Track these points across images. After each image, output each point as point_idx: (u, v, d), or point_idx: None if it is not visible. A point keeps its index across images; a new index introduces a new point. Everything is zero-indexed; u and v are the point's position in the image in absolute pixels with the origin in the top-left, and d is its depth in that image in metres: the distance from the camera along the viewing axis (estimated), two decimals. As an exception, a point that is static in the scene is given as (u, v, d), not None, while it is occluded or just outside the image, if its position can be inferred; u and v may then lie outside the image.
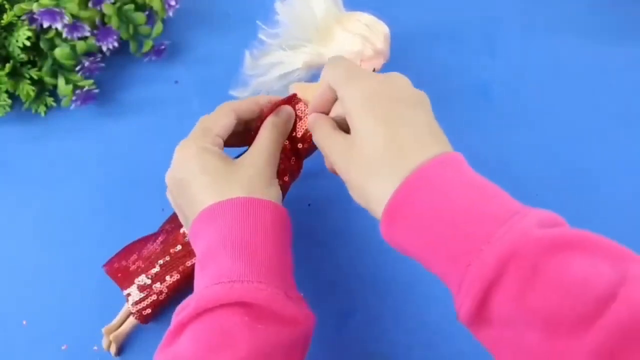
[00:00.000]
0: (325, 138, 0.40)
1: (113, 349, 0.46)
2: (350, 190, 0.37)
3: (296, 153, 0.46)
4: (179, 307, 0.36)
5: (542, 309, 0.28)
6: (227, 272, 0.35)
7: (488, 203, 0.31)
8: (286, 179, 0.45)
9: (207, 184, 0.39)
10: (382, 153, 0.34)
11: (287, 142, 0.45)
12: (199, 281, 0.37)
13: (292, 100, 0.46)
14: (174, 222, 0.48)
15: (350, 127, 0.37)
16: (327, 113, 0.42)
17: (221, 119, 0.43)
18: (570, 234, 0.30)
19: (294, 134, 0.46)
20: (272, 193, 0.40)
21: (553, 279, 0.28)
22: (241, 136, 0.45)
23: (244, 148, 0.46)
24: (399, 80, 0.38)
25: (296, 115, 0.46)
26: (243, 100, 0.45)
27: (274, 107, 0.44)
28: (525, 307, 0.28)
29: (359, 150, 0.35)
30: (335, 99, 0.41)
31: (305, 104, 0.46)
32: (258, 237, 0.37)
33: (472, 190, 0.32)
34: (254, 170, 0.40)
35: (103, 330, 0.46)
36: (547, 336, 0.28)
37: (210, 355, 0.32)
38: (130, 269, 0.47)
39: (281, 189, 0.43)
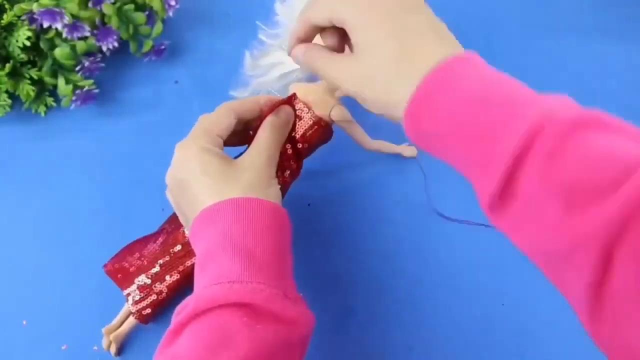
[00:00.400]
0: (327, 61, 0.38)
1: (113, 349, 0.46)
2: (364, 104, 0.37)
3: (296, 153, 0.46)
4: (178, 308, 0.36)
5: (565, 181, 0.28)
6: (227, 273, 0.35)
7: (515, 88, 0.32)
8: (287, 179, 0.45)
9: (207, 184, 0.39)
10: (396, 61, 0.34)
11: (287, 144, 0.45)
12: (199, 281, 0.37)
13: (291, 100, 0.46)
14: (174, 222, 0.48)
15: (356, 42, 0.36)
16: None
17: (221, 120, 0.43)
18: (598, 113, 0.30)
19: (293, 133, 0.46)
20: (271, 194, 0.40)
21: (578, 151, 0.28)
22: (240, 135, 0.45)
23: (244, 148, 0.46)
24: None
25: (296, 115, 0.46)
26: (243, 100, 0.45)
27: (274, 107, 0.44)
28: (549, 179, 0.28)
29: (369, 62, 0.35)
30: (316, 30, 0.40)
31: (305, 104, 0.46)
32: (257, 237, 0.37)
33: (496, 79, 0.33)
34: (253, 171, 0.40)
35: (103, 330, 0.46)
36: (567, 208, 0.28)
37: (210, 356, 0.32)
38: (130, 269, 0.47)
39: (281, 189, 0.43)
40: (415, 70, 0.33)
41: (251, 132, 0.45)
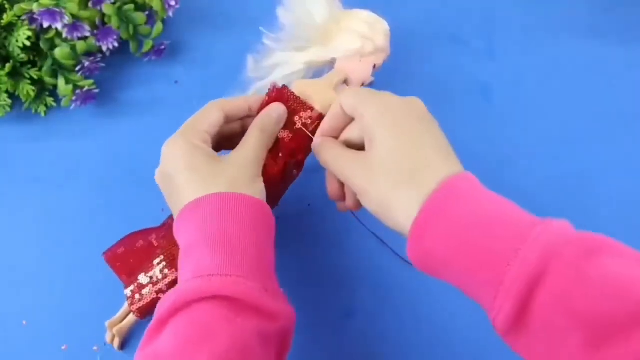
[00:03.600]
0: (338, 157, 0.40)
1: (116, 343, 0.46)
2: (368, 205, 0.38)
3: (299, 150, 0.46)
4: (160, 301, 0.36)
5: (587, 312, 0.28)
6: (207, 266, 0.36)
7: (516, 211, 0.33)
8: (295, 172, 0.45)
9: (191, 179, 0.40)
10: (407, 166, 0.36)
11: (290, 135, 0.45)
12: (181, 274, 0.38)
13: (283, 94, 0.45)
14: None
15: (370, 140, 0.38)
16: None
17: (207, 115, 0.43)
18: (602, 238, 0.30)
19: (295, 126, 0.45)
20: (255, 189, 0.41)
21: (598, 280, 0.28)
22: (238, 139, 0.45)
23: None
24: (417, 102, 0.40)
25: (296, 111, 0.45)
26: (231, 97, 0.46)
27: (264, 105, 0.45)
28: (569, 309, 0.28)
29: (379, 163, 0.37)
30: (344, 127, 0.42)
31: (306, 101, 0.46)
32: (239, 231, 0.38)
33: (498, 201, 0.34)
34: (238, 167, 0.41)
35: (106, 323, 0.46)
36: (591, 341, 0.27)
37: (190, 349, 0.33)
38: (131, 262, 0.46)
39: (282, 187, 0.43)
40: (427, 180, 0.35)
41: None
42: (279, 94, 0.46)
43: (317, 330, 0.47)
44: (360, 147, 0.40)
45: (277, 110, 0.45)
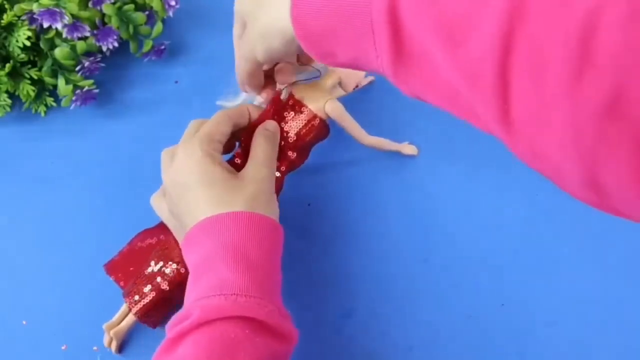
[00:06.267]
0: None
1: (114, 346, 0.46)
2: (258, 34, 0.40)
3: (293, 155, 0.46)
4: (174, 318, 0.37)
5: (441, 18, 0.28)
6: (229, 285, 0.36)
7: None
8: (283, 168, 0.46)
9: (210, 194, 0.39)
10: None
11: (286, 149, 0.46)
12: (194, 289, 0.38)
13: (287, 103, 0.47)
14: None
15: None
16: None
17: (221, 126, 0.43)
18: None
19: (287, 134, 0.46)
20: (272, 210, 0.41)
21: None
22: (227, 144, 0.46)
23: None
24: None
25: (290, 114, 0.47)
26: (235, 108, 0.47)
27: (262, 117, 0.46)
28: (426, 21, 0.28)
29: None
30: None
31: (299, 101, 0.47)
32: (259, 253, 0.38)
33: None
34: (256, 186, 0.41)
35: (104, 326, 0.46)
36: (451, 45, 0.28)
37: None
38: (131, 269, 0.46)
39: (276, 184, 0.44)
40: None
41: (242, 143, 0.46)
42: (277, 101, 0.47)
43: (317, 330, 0.47)
44: None
45: (272, 123, 0.46)
